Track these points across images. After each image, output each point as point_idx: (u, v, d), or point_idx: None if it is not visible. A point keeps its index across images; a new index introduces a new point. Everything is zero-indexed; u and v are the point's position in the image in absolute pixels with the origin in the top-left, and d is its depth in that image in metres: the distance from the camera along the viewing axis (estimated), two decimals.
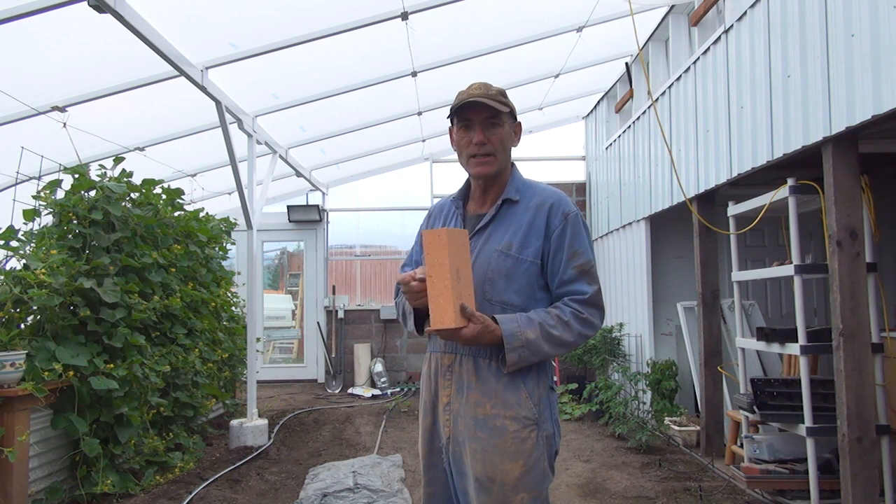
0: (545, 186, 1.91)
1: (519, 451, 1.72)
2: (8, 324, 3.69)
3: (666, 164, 5.47)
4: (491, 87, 1.84)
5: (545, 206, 1.82)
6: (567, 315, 1.76)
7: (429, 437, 1.89)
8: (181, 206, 5.56)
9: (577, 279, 1.78)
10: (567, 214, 1.81)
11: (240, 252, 8.24)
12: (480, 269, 1.80)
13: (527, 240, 1.80)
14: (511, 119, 1.87)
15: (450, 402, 1.82)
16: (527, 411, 1.76)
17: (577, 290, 1.78)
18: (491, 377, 1.77)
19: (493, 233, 1.84)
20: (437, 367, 1.88)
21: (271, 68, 4.82)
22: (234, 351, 6.05)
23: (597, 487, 4.18)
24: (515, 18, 5.20)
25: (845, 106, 3.08)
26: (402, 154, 8.43)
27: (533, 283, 1.80)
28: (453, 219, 1.96)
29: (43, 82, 4.09)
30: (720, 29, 4.48)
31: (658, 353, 6.15)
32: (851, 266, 3.25)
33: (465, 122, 1.83)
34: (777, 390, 3.90)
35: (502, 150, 1.84)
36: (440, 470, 1.88)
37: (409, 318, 1.94)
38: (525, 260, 1.79)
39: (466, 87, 1.86)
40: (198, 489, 4.10)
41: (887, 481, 3.34)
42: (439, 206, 2.06)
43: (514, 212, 1.84)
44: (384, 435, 5.73)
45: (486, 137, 1.80)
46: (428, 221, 2.08)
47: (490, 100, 1.78)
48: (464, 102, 1.79)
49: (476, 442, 1.75)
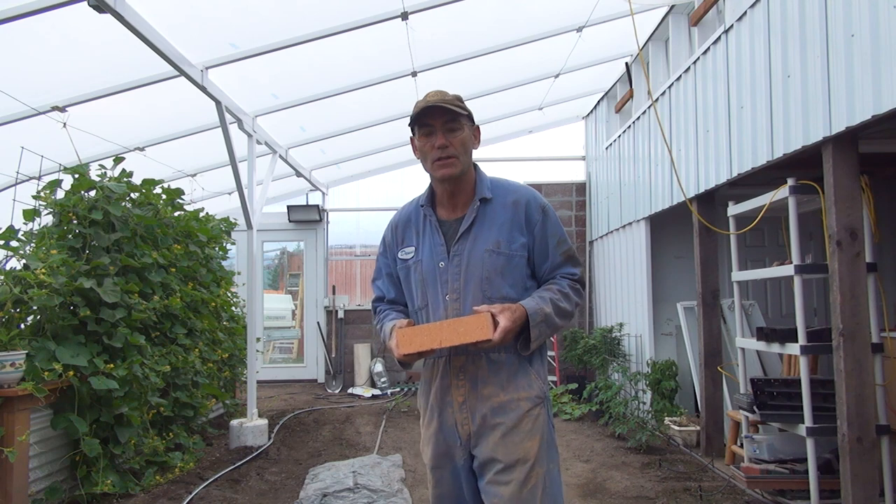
0: (514, 183, 2.01)
1: (535, 429, 1.84)
2: (8, 324, 3.69)
3: (666, 164, 5.47)
4: (447, 93, 1.92)
5: (521, 203, 1.93)
6: (566, 288, 1.92)
7: (435, 441, 1.91)
8: (181, 206, 5.56)
9: (565, 263, 1.95)
10: (544, 207, 1.95)
11: (240, 252, 8.25)
12: (475, 271, 1.87)
13: (512, 235, 1.89)
14: (470, 122, 1.94)
15: (465, 400, 1.87)
16: (537, 390, 1.88)
17: (568, 272, 1.95)
18: (502, 367, 1.86)
19: (479, 234, 1.90)
20: (445, 370, 1.90)
21: (271, 68, 4.82)
22: (234, 351, 6.05)
23: (597, 487, 4.18)
24: (515, 18, 5.19)
25: (845, 106, 3.08)
26: (402, 154, 8.42)
27: (523, 274, 1.92)
28: (426, 227, 1.97)
29: (43, 82, 4.09)
30: (720, 29, 4.48)
31: (658, 353, 6.15)
32: (851, 266, 3.25)
33: (426, 129, 1.89)
34: (777, 390, 3.90)
35: (464, 151, 1.90)
36: (447, 470, 1.91)
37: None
38: (514, 255, 1.89)
39: (423, 97, 1.93)
40: (198, 489, 4.10)
41: (887, 481, 3.34)
42: (405, 216, 2.06)
43: (491, 210, 1.92)
44: (384, 435, 5.73)
45: (447, 140, 1.87)
46: (394, 232, 2.07)
47: (448, 104, 1.85)
48: (423, 108, 1.86)
49: (497, 428, 1.83)
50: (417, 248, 1.98)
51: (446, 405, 1.89)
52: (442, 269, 1.90)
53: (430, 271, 1.92)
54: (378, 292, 2.15)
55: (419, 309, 1.96)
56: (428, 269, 1.93)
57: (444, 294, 1.89)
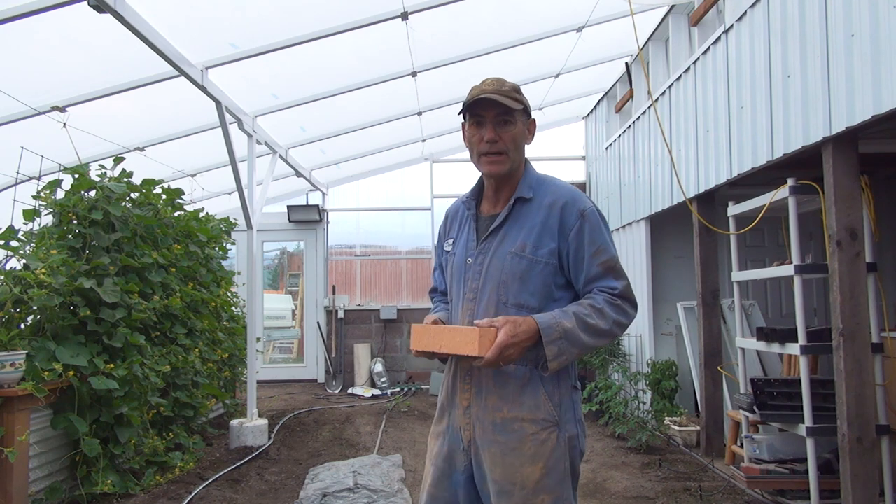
0: (560, 183, 1.84)
1: (538, 454, 1.68)
2: (8, 324, 3.69)
3: (666, 164, 5.47)
4: (505, 82, 1.78)
5: (558, 205, 1.75)
6: (600, 303, 1.70)
7: (440, 441, 1.85)
8: (181, 206, 5.56)
9: (603, 276, 1.73)
10: (583, 211, 1.74)
11: (240, 252, 8.25)
12: (494, 272, 1.76)
13: (540, 240, 1.74)
14: (525, 116, 1.81)
15: (469, 405, 1.78)
16: (545, 413, 1.71)
17: (606, 285, 1.73)
18: (510, 380, 1.73)
19: (507, 234, 1.78)
20: (455, 371, 1.84)
21: (271, 68, 4.82)
22: (234, 351, 6.05)
23: (597, 487, 4.18)
24: (515, 18, 5.19)
25: (845, 106, 3.08)
26: (402, 154, 8.43)
27: (549, 283, 1.74)
28: (467, 222, 1.91)
29: (43, 82, 4.08)
30: (720, 29, 4.48)
31: (658, 353, 6.15)
32: (851, 266, 3.25)
33: (476, 119, 1.77)
34: (777, 390, 3.90)
35: (514, 148, 1.77)
36: (447, 473, 1.83)
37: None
38: (539, 261, 1.73)
39: (480, 83, 1.79)
40: (198, 489, 4.10)
41: (887, 481, 3.34)
42: (454, 208, 2.02)
43: (527, 210, 1.78)
44: (384, 435, 5.73)
45: (497, 135, 1.75)
46: (445, 224, 2.04)
47: (502, 96, 1.72)
48: (475, 99, 1.73)
49: (495, 446, 1.72)
50: (455, 241, 1.91)
51: (454, 406, 1.83)
52: (468, 266, 1.82)
53: (459, 266, 1.86)
54: (434, 283, 2.12)
55: (449, 302, 1.93)
56: (457, 264, 1.86)
57: (464, 291, 1.82)
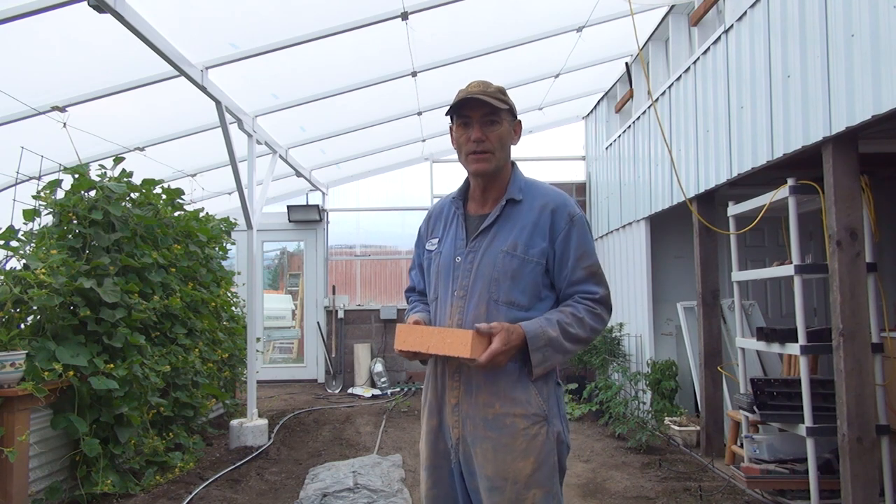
0: (548, 187, 1.91)
1: (529, 448, 1.74)
2: (8, 324, 3.69)
3: (666, 164, 5.47)
4: (490, 84, 1.84)
5: (549, 208, 1.83)
6: (581, 312, 1.79)
7: (433, 439, 1.88)
8: (181, 206, 5.56)
9: (586, 280, 1.82)
10: (573, 216, 1.82)
11: (240, 252, 8.25)
12: (486, 270, 1.81)
13: (532, 240, 1.80)
14: (510, 117, 1.86)
15: (458, 403, 1.82)
16: (536, 408, 1.77)
17: (588, 290, 1.82)
18: (501, 376, 1.77)
19: (498, 233, 1.84)
20: (443, 370, 1.86)
21: (271, 68, 4.82)
22: (234, 351, 6.05)
23: (597, 487, 4.18)
24: (515, 18, 5.19)
25: (845, 106, 3.08)
26: (402, 154, 8.43)
27: (538, 282, 1.81)
28: (454, 221, 1.94)
29: (43, 82, 4.08)
30: (720, 29, 4.48)
31: (658, 353, 6.14)
32: (851, 266, 3.25)
33: (463, 120, 1.83)
34: (777, 390, 3.90)
35: (500, 147, 1.83)
36: (446, 470, 1.87)
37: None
38: (531, 260, 1.80)
39: (466, 86, 1.86)
40: (198, 489, 4.10)
41: (887, 481, 3.34)
42: (438, 208, 2.05)
43: (518, 211, 1.84)
44: (384, 435, 5.73)
45: (483, 134, 1.80)
46: (428, 223, 2.07)
47: (488, 97, 1.78)
48: (461, 99, 1.79)
49: (486, 441, 1.76)
50: (441, 240, 1.95)
51: (444, 405, 1.86)
52: (457, 264, 1.86)
53: (446, 264, 1.89)
54: (411, 282, 2.14)
55: (432, 301, 1.95)
56: (444, 262, 1.90)
57: (453, 289, 1.85)
